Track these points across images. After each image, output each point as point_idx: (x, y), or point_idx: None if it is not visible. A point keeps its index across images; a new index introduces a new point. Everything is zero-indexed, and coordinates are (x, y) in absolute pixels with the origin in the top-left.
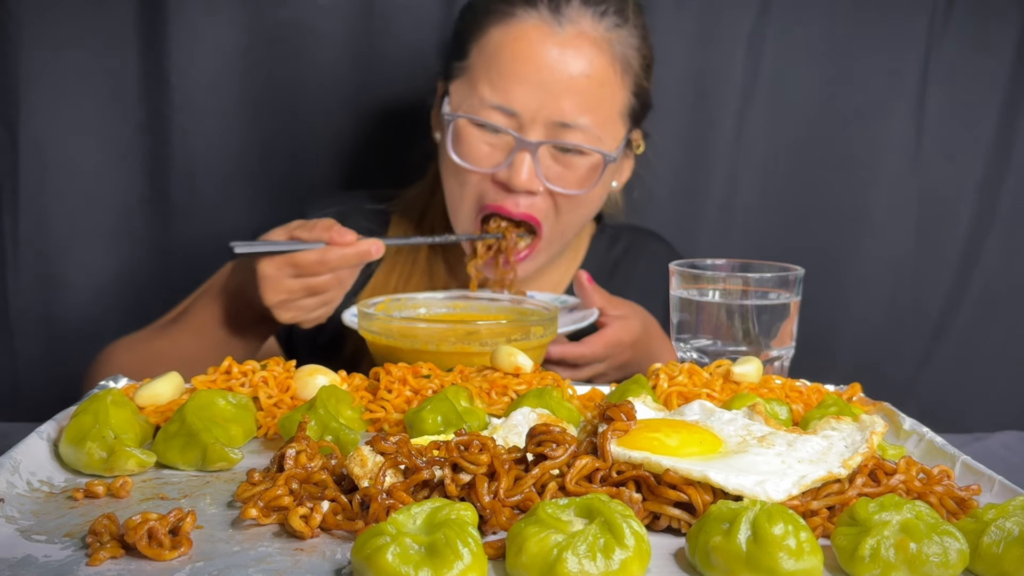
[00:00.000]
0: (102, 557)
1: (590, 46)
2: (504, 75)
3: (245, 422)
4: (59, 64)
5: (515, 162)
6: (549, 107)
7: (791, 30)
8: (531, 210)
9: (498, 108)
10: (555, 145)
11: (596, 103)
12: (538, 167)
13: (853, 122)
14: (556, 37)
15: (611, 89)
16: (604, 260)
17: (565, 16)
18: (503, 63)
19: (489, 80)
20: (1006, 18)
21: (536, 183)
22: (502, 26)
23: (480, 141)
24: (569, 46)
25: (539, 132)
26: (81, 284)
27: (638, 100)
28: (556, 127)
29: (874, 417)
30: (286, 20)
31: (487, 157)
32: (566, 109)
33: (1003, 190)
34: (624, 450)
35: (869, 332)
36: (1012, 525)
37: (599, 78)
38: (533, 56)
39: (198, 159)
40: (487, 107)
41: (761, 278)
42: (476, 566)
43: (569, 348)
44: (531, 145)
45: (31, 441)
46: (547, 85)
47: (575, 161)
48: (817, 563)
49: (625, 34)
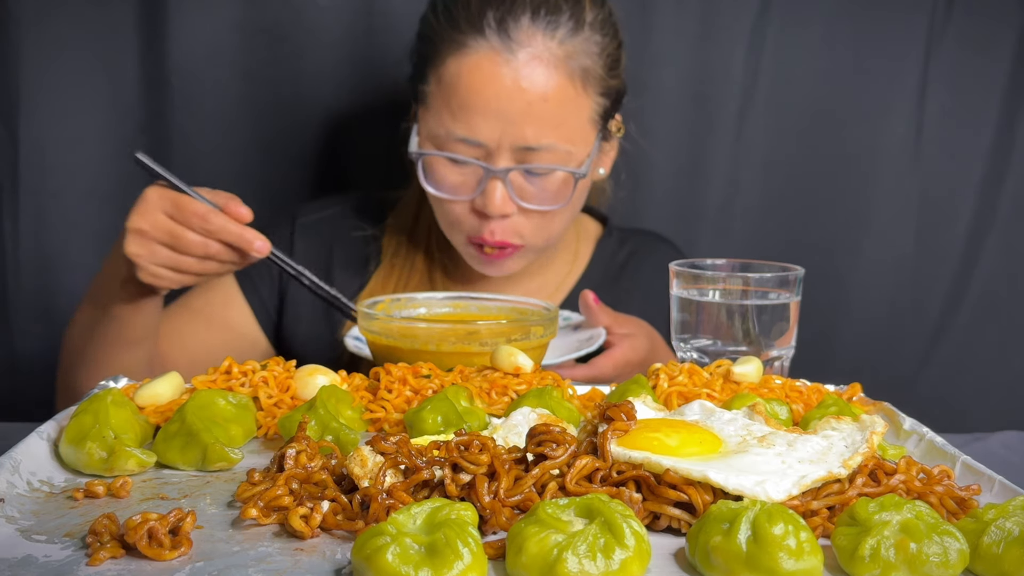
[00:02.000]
0: (102, 557)
1: (545, 67)
2: (464, 108)
3: (245, 422)
4: (59, 64)
5: (487, 190)
6: (512, 134)
7: (791, 30)
8: (505, 236)
9: (463, 140)
10: (524, 170)
11: (559, 121)
12: (511, 190)
13: (853, 122)
14: (510, 64)
15: (574, 104)
16: (610, 263)
17: (515, 40)
18: (461, 95)
19: (451, 112)
20: (1006, 18)
21: (509, 206)
22: (456, 56)
23: (452, 173)
24: (523, 71)
25: (507, 158)
26: (81, 284)
27: (608, 98)
28: (522, 152)
29: (874, 417)
30: (286, 20)
31: (461, 186)
32: (529, 134)
33: (1003, 190)
34: (624, 450)
35: (869, 332)
36: (1012, 525)
37: (558, 98)
38: (489, 86)
39: (198, 159)
40: (453, 140)
41: (761, 278)
42: (476, 566)
43: (579, 372)
44: (500, 172)
45: (31, 441)
46: (507, 113)
47: (546, 180)
48: (817, 563)
49: (582, 40)
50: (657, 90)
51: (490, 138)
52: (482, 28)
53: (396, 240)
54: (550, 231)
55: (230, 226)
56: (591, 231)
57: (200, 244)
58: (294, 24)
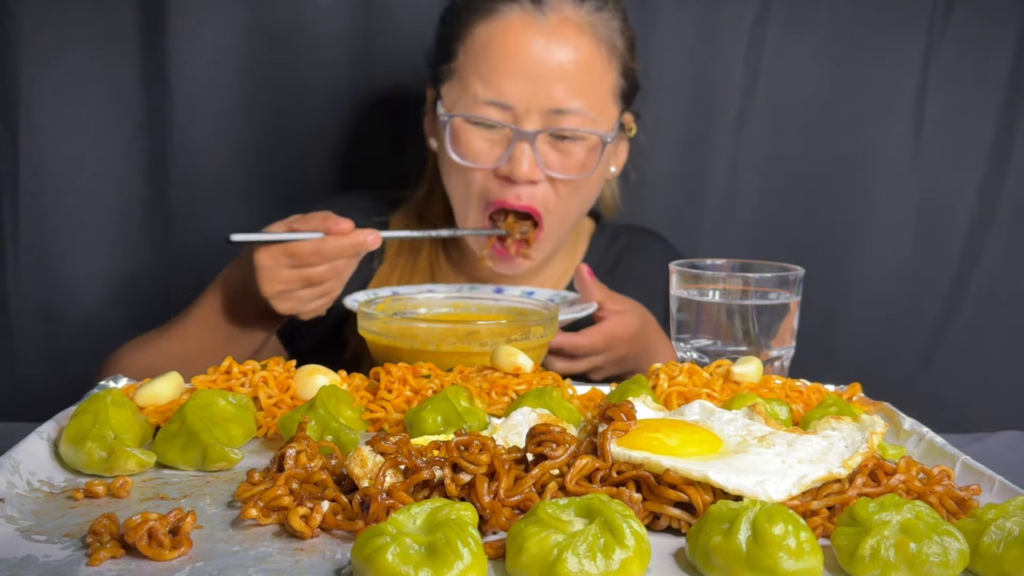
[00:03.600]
0: (102, 557)
1: (575, 32)
2: (494, 70)
3: (245, 422)
4: (59, 64)
5: (515, 154)
6: (542, 96)
7: (791, 30)
8: (532, 201)
9: (492, 103)
10: (552, 132)
11: (587, 87)
12: (538, 156)
13: (853, 122)
14: (540, 27)
15: (600, 72)
16: (603, 258)
17: (547, 5)
18: (492, 58)
19: (480, 77)
20: (1006, 18)
21: (537, 172)
22: (487, 22)
23: (478, 138)
24: (554, 34)
25: (535, 122)
26: (81, 284)
27: (627, 81)
28: (551, 115)
29: (874, 417)
30: (286, 20)
31: (487, 153)
32: (558, 96)
33: (1003, 190)
34: (624, 450)
35: (869, 332)
36: (1012, 525)
37: (587, 62)
38: (520, 48)
39: (198, 159)
40: (481, 103)
41: (761, 278)
42: (476, 566)
43: (566, 338)
44: (529, 135)
45: (31, 441)
46: (537, 75)
47: (573, 147)
48: (817, 563)
49: (607, 16)
50: (657, 90)
51: (519, 100)
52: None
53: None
54: (566, 211)
55: (342, 243)
56: (586, 227)
57: (330, 271)
58: (294, 24)
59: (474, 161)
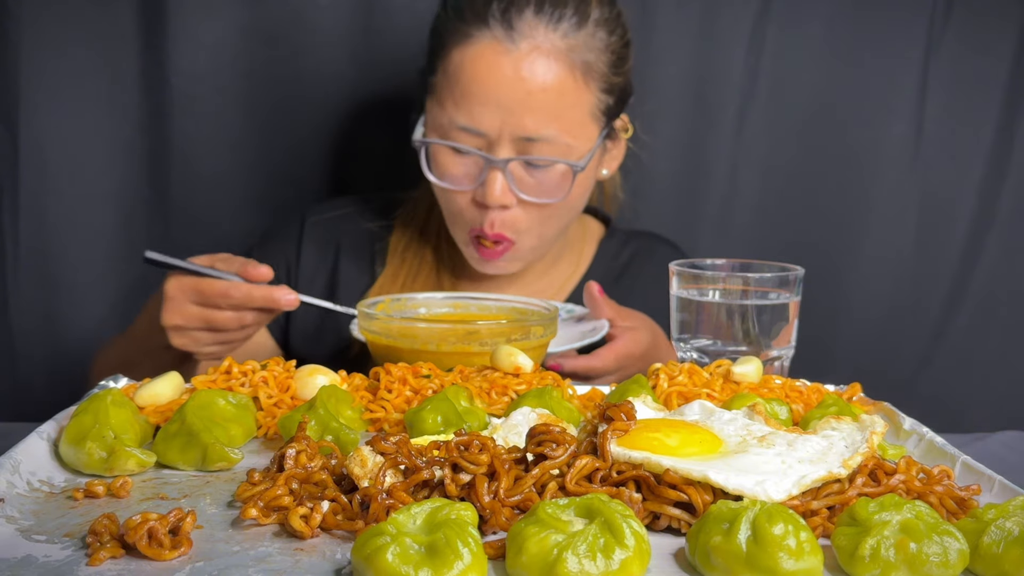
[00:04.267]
0: (102, 557)
1: (546, 58)
2: (466, 97)
3: (245, 422)
4: (59, 64)
5: (487, 180)
6: (512, 124)
7: (791, 30)
8: (504, 228)
9: (465, 129)
10: (523, 160)
11: (559, 113)
12: (511, 181)
13: (853, 122)
14: (511, 54)
15: (574, 96)
16: (612, 264)
17: (518, 31)
18: (463, 85)
19: (454, 101)
20: (1006, 18)
21: (509, 197)
22: (460, 47)
23: (453, 163)
24: (524, 61)
25: (507, 149)
26: (81, 284)
27: (611, 95)
28: (523, 142)
29: (874, 417)
30: (286, 19)
31: (463, 177)
32: (529, 125)
33: (1003, 190)
34: (624, 450)
35: (869, 332)
36: (1012, 525)
37: (559, 88)
38: (490, 76)
39: (198, 159)
40: (455, 129)
41: (761, 278)
42: (476, 566)
43: (581, 362)
44: (500, 163)
45: (31, 441)
46: (507, 103)
47: (546, 172)
48: (817, 563)
49: (585, 35)
50: (657, 90)
51: (491, 127)
52: (486, 19)
53: (405, 239)
54: (545, 229)
55: (254, 293)
56: (594, 231)
57: (234, 319)
58: (294, 24)
59: (452, 184)
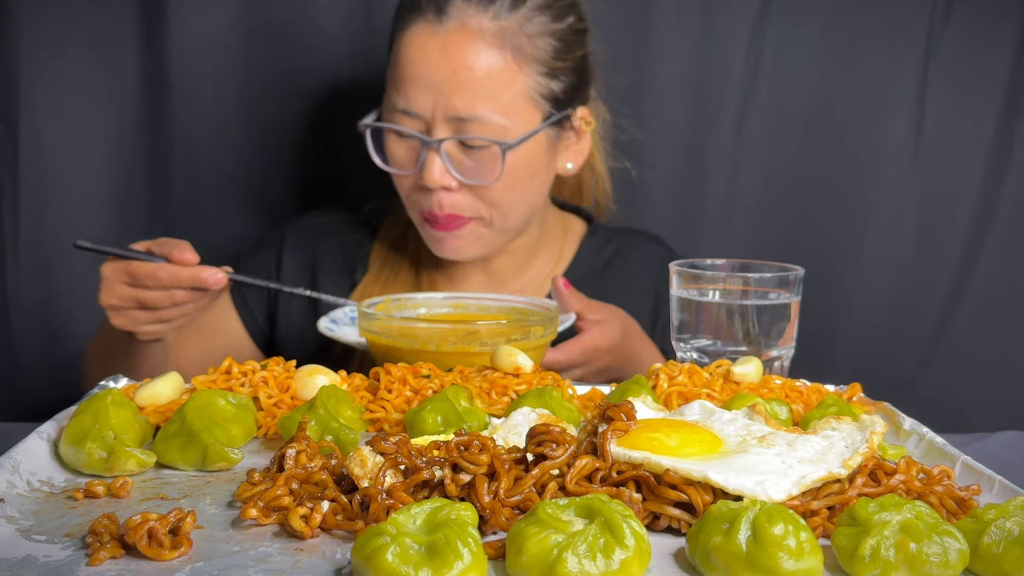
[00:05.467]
0: (102, 557)
1: (473, 39)
2: (402, 80)
3: (245, 422)
4: (59, 64)
5: (425, 162)
6: (444, 104)
7: (791, 30)
8: (454, 209)
9: (404, 112)
10: (457, 140)
11: (490, 93)
12: (448, 163)
13: (853, 122)
14: (438, 36)
15: (506, 77)
16: (593, 261)
17: (447, 14)
18: (400, 68)
19: (394, 86)
20: (1006, 18)
21: (448, 179)
22: (400, 34)
23: (397, 147)
24: (450, 43)
25: (442, 130)
26: (81, 284)
27: (555, 80)
28: (456, 123)
29: (874, 417)
30: (286, 19)
31: (406, 161)
32: (459, 104)
33: (1003, 190)
34: (624, 450)
35: (869, 332)
36: (1012, 525)
37: (486, 69)
38: (420, 57)
39: (198, 159)
40: (396, 112)
41: (761, 278)
42: (476, 566)
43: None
44: (434, 143)
45: (31, 441)
46: (436, 83)
47: (482, 154)
48: (817, 563)
49: (520, 18)
50: (657, 90)
51: (424, 108)
52: (420, 5)
53: (385, 247)
54: (499, 217)
55: (180, 273)
56: (576, 229)
57: (165, 297)
58: (294, 23)
59: (398, 168)
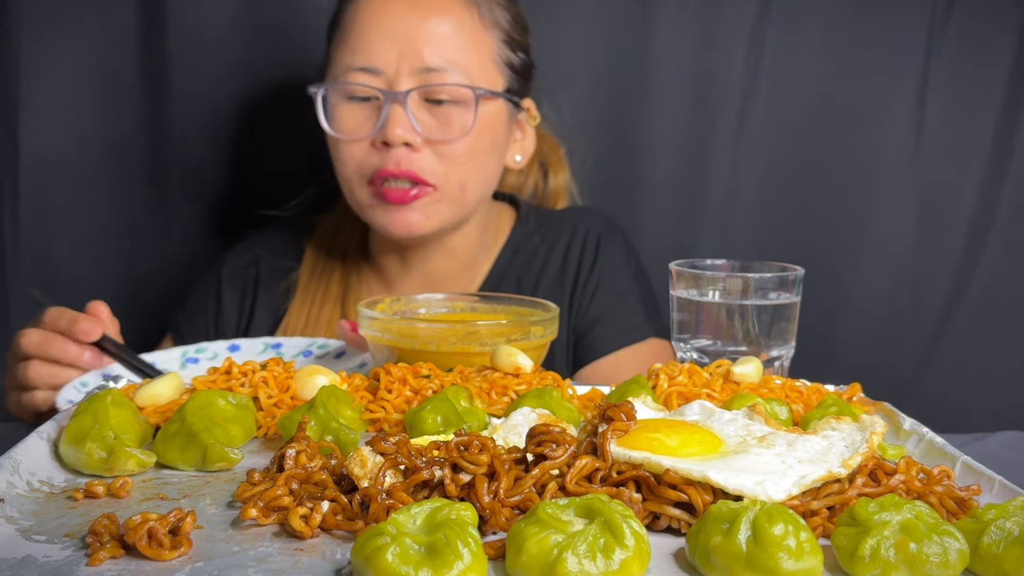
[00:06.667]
0: (102, 557)
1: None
2: (362, 37)
3: (245, 422)
4: (59, 64)
5: (388, 117)
6: (410, 55)
7: (791, 30)
8: (412, 167)
9: (362, 69)
10: (425, 91)
11: (459, 46)
12: (412, 119)
13: (853, 122)
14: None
15: (473, 34)
16: (522, 245)
17: None
18: (359, 27)
19: (349, 46)
20: (1006, 19)
21: (412, 134)
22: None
23: (352, 111)
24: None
25: (408, 82)
26: (81, 284)
27: (512, 51)
28: (423, 73)
29: (874, 417)
30: (286, 19)
31: (362, 123)
32: (427, 55)
33: (1003, 190)
34: (624, 450)
35: (869, 332)
36: (1012, 525)
37: (458, 22)
38: (387, 12)
39: (198, 159)
40: (352, 72)
41: (761, 278)
42: (476, 566)
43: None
44: (399, 96)
45: (31, 441)
46: (404, 34)
47: (450, 111)
48: (817, 563)
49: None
50: (657, 90)
51: (387, 62)
52: None
53: (311, 267)
54: (464, 181)
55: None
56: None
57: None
58: (294, 23)
59: (351, 134)
